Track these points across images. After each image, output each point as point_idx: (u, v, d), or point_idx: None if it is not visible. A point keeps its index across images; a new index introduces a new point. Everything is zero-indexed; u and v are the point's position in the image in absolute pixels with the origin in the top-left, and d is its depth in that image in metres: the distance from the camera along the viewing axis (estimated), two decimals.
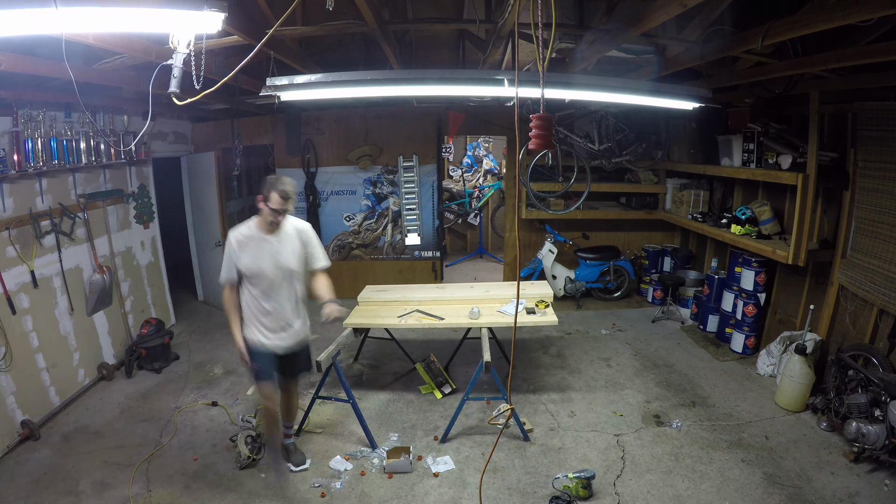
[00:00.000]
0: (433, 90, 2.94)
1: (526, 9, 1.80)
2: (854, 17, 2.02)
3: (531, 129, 1.68)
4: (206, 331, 5.51)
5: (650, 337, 5.16)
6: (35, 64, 2.56)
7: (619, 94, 3.08)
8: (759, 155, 4.32)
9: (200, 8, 1.65)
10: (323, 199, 6.25)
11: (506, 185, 6.94)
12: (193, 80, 2.09)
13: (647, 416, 3.75)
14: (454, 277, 7.25)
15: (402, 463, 3.15)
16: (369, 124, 6.08)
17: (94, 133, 4.16)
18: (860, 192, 3.66)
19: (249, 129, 6.12)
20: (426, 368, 4.12)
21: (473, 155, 8.74)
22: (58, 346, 3.93)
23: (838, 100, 3.77)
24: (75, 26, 1.71)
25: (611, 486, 3.02)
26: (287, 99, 3.08)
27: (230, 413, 3.85)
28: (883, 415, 2.97)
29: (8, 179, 3.47)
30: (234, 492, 3.02)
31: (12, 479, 3.12)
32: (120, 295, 4.70)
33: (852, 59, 2.69)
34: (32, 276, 3.67)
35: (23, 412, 3.52)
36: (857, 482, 2.97)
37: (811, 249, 3.95)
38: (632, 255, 6.39)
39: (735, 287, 4.79)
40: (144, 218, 5.15)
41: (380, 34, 2.79)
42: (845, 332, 3.85)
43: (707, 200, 5.54)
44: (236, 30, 2.20)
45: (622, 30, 2.75)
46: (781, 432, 3.49)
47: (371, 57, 3.87)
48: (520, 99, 1.81)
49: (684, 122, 5.45)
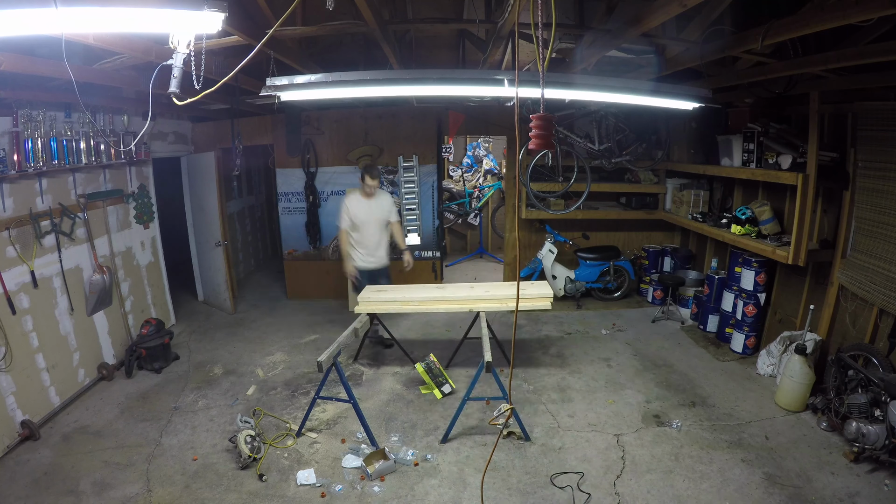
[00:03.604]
0: (433, 90, 2.95)
1: (526, 9, 1.80)
2: (854, 17, 2.01)
3: (531, 129, 1.68)
4: (206, 331, 5.51)
5: (650, 337, 5.16)
6: (35, 64, 2.56)
7: (619, 94, 3.08)
8: (759, 155, 4.32)
9: (200, 8, 1.65)
10: (323, 200, 6.25)
11: (506, 185, 6.94)
12: (193, 80, 2.09)
13: (647, 416, 3.75)
14: (454, 277, 7.25)
15: (388, 465, 3.15)
16: (369, 124, 6.08)
17: (94, 133, 4.16)
18: (860, 192, 3.66)
19: (249, 129, 6.12)
20: (426, 368, 4.12)
21: (473, 155, 8.74)
22: (58, 347, 3.93)
23: (838, 100, 3.77)
24: (75, 26, 1.71)
25: (611, 486, 3.02)
26: (287, 99, 3.08)
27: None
28: (883, 415, 2.97)
29: (8, 179, 3.46)
30: (234, 492, 3.02)
31: (12, 479, 3.12)
32: (120, 295, 4.70)
33: (852, 59, 2.69)
34: (32, 276, 3.67)
35: (23, 412, 3.52)
36: (858, 482, 2.97)
37: (811, 249, 3.95)
38: (632, 255, 6.39)
39: (735, 287, 4.79)
40: (144, 218, 5.15)
41: (380, 34, 2.79)
42: (845, 332, 3.85)
43: (707, 200, 5.54)
44: (236, 30, 2.20)
45: (622, 30, 2.75)
46: (781, 432, 3.49)
47: (371, 57, 3.87)
48: (520, 99, 1.81)
49: (684, 122, 5.45)
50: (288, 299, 6.52)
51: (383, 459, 3.16)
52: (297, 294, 6.53)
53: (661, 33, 3.21)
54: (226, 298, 5.96)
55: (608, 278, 6.13)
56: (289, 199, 6.30)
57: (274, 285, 7.10)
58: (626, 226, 6.47)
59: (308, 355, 4.82)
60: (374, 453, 3.22)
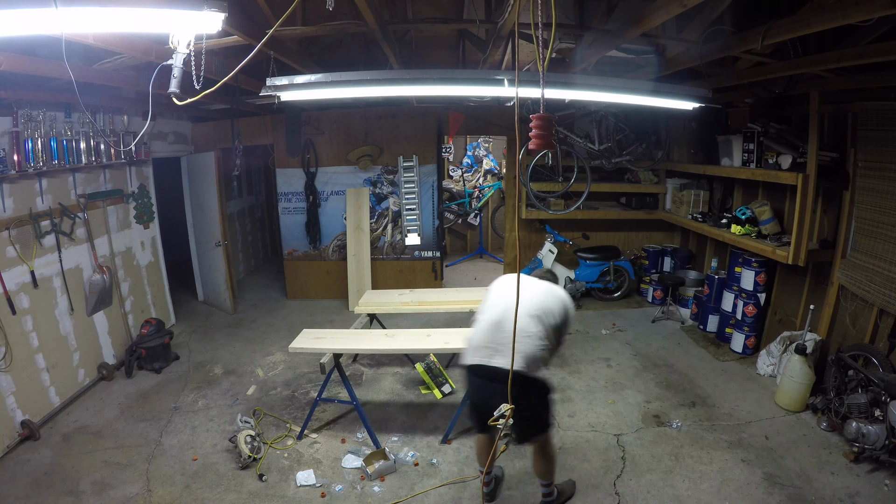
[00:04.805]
0: (433, 90, 2.94)
1: (526, 9, 1.80)
2: (854, 17, 2.01)
3: (531, 129, 1.68)
4: (206, 331, 5.51)
5: (650, 337, 5.16)
6: (35, 64, 2.56)
7: (619, 94, 3.08)
8: (759, 155, 4.32)
9: (200, 8, 1.65)
10: (323, 200, 6.25)
11: (506, 185, 6.94)
12: (193, 80, 2.09)
13: (647, 416, 3.75)
14: (454, 277, 7.26)
15: (388, 465, 3.15)
16: (369, 124, 6.08)
17: (94, 133, 4.16)
18: (860, 192, 3.66)
19: (249, 129, 6.12)
20: (426, 369, 4.12)
21: (473, 155, 8.74)
22: (58, 347, 3.92)
23: (838, 100, 3.77)
24: (75, 26, 1.71)
25: (611, 487, 3.01)
26: (287, 99, 3.08)
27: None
28: (883, 415, 2.97)
29: (8, 179, 3.46)
30: (234, 492, 3.02)
31: (12, 479, 3.12)
32: (120, 295, 4.70)
33: (852, 59, 2.69)
34: (32, 276, 3.67)
35: (23, 412, 3.52)
36: (857, 482, 2.97)
37: (811, 249, 3.95)
38: (632, 255, 6.39)
39: (735, 287, 4.79)
40: (144, 218, 5.15)
41: (380, 34, 2.79)
42: (845, 332, 3.85)
43: (707, 200, 5.54)
44: (236, 30, 2.20)
45: (622, 30, 2.74)
46: (781, 432, 3.49)
47: (371, 57, 3.87)
48: (520, 99, 1.81)
49: (684, 122, 5.45)
50: (288, 299, 6.52)
51: (383, 459, 3.16)
52: (297, 294, 6.53)
53: (661, 33, 3.21)
54: (226, 298, 5.96)
55: (608, 278, 6.13)
56: (289, 199, 6.30)
57: (274, 285, 7.10)
58: (626, 226, 6.47)
59: (308, 355, 4.82)
60: (374, 453, 3.22)
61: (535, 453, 2.71)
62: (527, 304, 2.34)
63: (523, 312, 2.28)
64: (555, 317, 2.49)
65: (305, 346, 3.38)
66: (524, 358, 2.33)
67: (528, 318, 2.40)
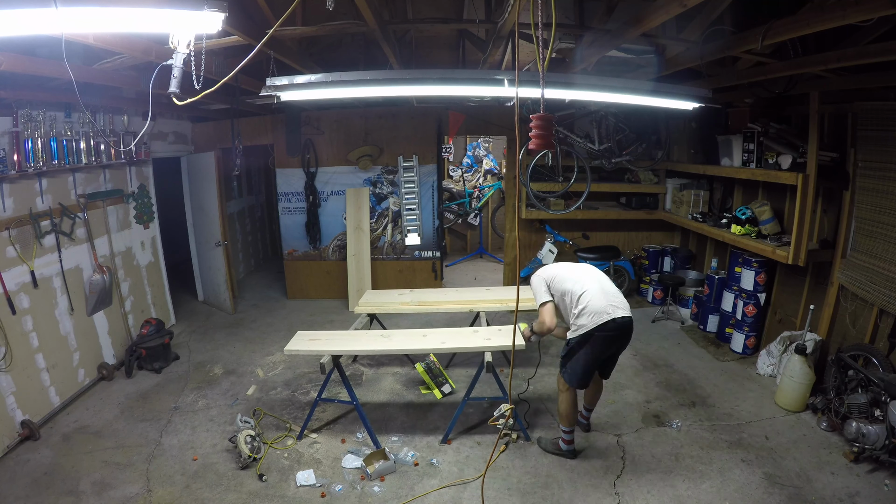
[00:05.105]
0: (433, 90, 2.94)
1: (526, 9, 1.80)
2: (854, 18, 2.01)
3: (531, 129, 1.68)
4: (206, 331, 5.51)
5: (650, 337, 5.16)
6: (35, 64, 2.56)
7: (619, 94, 3.08)
8: (759, 155, 4.32)
9: (200, 8, 1.65)
10: (323, 200, 6.25)
11: (506, 185, 6.93)
12: (193, 80, 2.09)
13: (647, 416, 3.75)
14: (454, 277, 7.26)
15: (388, 465, 3.15)
16: (369, 124, 6.08)
17: (94, 133, 4.16)
18: (860, 192, 3.66)
19: (249, 129, 6.13)
20: (426, 369, 4.12)
21: (473, 155, 8.75)
22: (58, 347, 3.92)
23: (838, 100, 3.76)
24: (75, 26, 1.71)
25: (611, 487, 3.01)
26: (287, 99, 3.08)
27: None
28: (883, 415, 2.97)
29: (8, 179, 3.46)
30: (234, 492, 3.02)
31: (12, 479, 3.12)
32: (120, 295, 4.70)
33: (852, 59, 2.69)
34: (32, 276, 3.67)
35: (23, 412, 3.52)
36: (857, 482, 2.97)
37: (811, 249, 3.95)
38: (632, 255, 6.39)
39: (735, 287, 4.79)
40: (144, 218, 5.15)
41: (380, 34, 2.79)
42: (845, 332, 3.85)
43: (707, 200, 5.54)
44: (236, 30, 2.20)
45: (622, 30, 2.74)
46: (781, 432, 3.49)
47: (371, 57, 3.87)
48: (520, 99, 1.82)
49: (684, 122, 5.45)
50: (288, 299, 6.52)
51: (383, 459, 3.16)
52: (297, 294, 6.53)
53: (661, 33, 3.21)
54: (226, 298, 5.96)
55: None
56: (289, 199, 6.30)
57: (274, 285, 7.10)
58: (626, 226, 6.47)
59: (308, 355, 4.82)
60: (373, 453, 3.22)
61: (596, 383, 3.37)
62: (601, 276, 3.24)
63: (606, 280, 3.19)
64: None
65: (301, 348, 3.38)
66: (628, 308, 3.06)
67: (609, 284, 3.18)
